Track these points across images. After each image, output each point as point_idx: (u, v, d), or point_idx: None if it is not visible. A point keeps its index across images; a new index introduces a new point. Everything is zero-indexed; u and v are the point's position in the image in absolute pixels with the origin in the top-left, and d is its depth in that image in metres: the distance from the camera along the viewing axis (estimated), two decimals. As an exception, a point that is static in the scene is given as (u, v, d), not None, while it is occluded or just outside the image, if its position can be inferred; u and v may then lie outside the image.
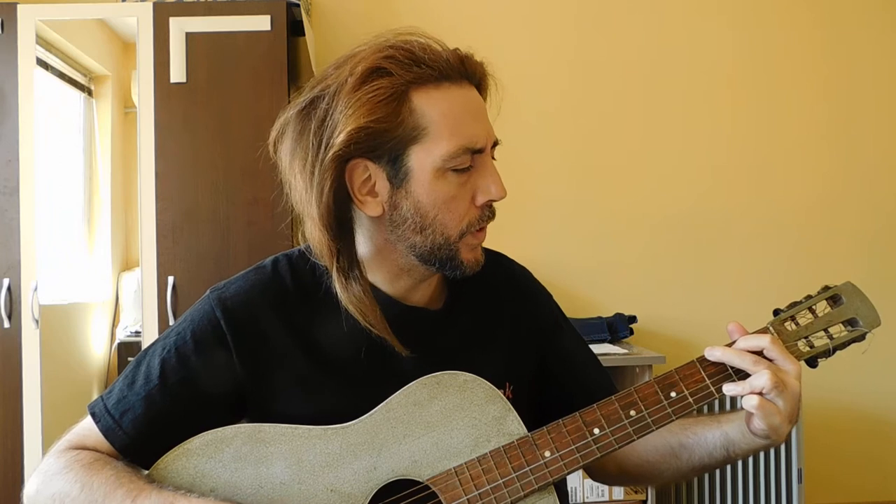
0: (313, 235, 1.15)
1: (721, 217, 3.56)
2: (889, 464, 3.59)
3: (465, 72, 1.14)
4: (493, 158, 1.19)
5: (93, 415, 1.17)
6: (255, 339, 1.18)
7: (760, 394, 1.11)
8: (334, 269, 1.14)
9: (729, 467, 3.07)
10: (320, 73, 1.17)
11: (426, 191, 1.12)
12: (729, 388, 1.14)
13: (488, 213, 1.17)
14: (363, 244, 1.20)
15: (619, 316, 3.31)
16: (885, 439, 3.59)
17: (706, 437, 1.25)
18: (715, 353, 1.16)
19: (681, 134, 3.56)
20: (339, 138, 1.09)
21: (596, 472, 1.39)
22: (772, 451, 3.09)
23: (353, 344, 1.17)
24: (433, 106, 1.11)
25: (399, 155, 1.12)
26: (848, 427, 3.55)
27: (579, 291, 3.47)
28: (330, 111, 1.11)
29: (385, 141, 1.11)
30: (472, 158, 1.14)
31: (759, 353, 1.14)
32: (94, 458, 1.12)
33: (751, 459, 3.09)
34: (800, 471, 3.08)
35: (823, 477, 3.48)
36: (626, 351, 3.05)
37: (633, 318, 3.33)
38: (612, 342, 3.21)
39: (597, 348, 3.05)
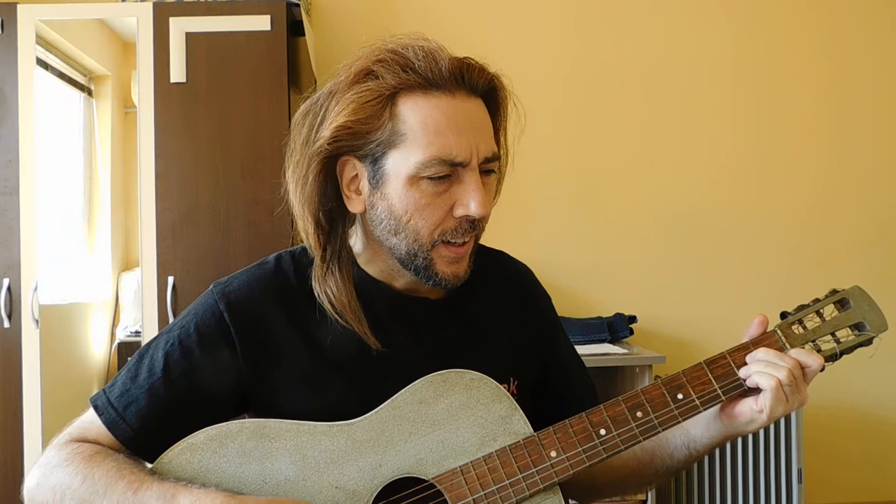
0: (300, 225, 1.18)
1: (722, 217, 3.56)
2: (889, 464, 3.59)
3: (462, 82, 1.13)
4: (490, 172, 1.17)
5: (95, 407, 1.17)
6: (259, 333, 1.18)
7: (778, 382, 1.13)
8: (317, 258, 1.17)
9: (729, 467, 3.07)
10: (335, 70, 1.19)
11: (399, 196, 1.13)
12: (748, 370, 1.16)
13: (467, 226, 1.15)
14: (361, 240, 1.22)
15: (619, 316, 3.31)
16: (885, 439, 3.59)
17: (667, 438, 1.27)
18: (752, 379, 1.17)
19: (682, 134, 3.56)
20: (324, 134, 1.13)
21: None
22: (772, 451, 3.09)
23: (356, 339, 1.18)
24: (415, 113, 1.12)
25: (379, 157, 1.13)
26: (848, 427, 3.55)
27: (579, 291, 3.48)
28: (324, 108, 1.15)
29: (367, 142, 1.13)
30: (454, 170, 1.13)
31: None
32: (96, 450, 1.12)
33: (751, 459, 3.09)
34: (800, 471, 3.08)
35: (823, 477, 3.48)
36: (626, 351, 3.05)
37: (633, 318, 3.33)
38: (612, 342, 3.21)
39: (597, 348, 3.05)
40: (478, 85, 1.15)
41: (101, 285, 3.11)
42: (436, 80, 1.12)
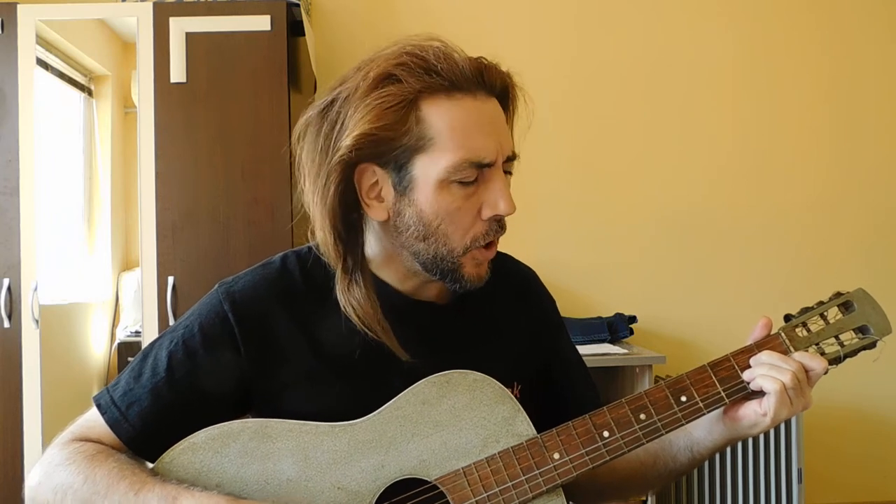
0: (319, 236, 1.16)
1: (722, 217, 3.56)
2: (889, 464, 3.59)
3: (482, 82, 1.13)
4: (508, 172, 1.17)
5: (98, 406, 1.16)
6: (263, 333, 1.17)
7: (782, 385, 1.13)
8: (339, 270, 1.15)
9: (729, 467, 3.07)
10: (343, 74, 1.17)
11: (429, 201, 1.12)
12: (752, 373, 1.16)
13: (496, 227, 1.16)
14: (373, 244, 1.20)
15: (619, 316, 3.31)
16: (885, 439, 3.59)
17: (670, 440, 1.26)
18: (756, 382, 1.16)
19: (682, 134, 3.56)
20: (346, 142, 1.10)
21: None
22: (772, 451, 3.09)
23: (361, 339, 1.17)
24: (441, 116, 1.10)
25: (405, 163, 1.12)
26: (848, 427, 3.56)
27: (579, 291, 3.47)
28: (341, 115, 1.12)
29: (391, 148, 1.11)
30: (480, 172, 1.12)
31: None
32: (98, 450, 1.12)
33: (751, 459, 3.09)
34: (800, 471, 3.09)
35: (823, 477, 3.48)
36: (626, 351, 3.05)
37: (633, 318, 3.32)
38: (612, 342, 3.21)
39: (597, 348, 3.06)
40: (495, 85, 1.15)
41: (101, 285, 3.11)
42: (458, 81, 1.11)
